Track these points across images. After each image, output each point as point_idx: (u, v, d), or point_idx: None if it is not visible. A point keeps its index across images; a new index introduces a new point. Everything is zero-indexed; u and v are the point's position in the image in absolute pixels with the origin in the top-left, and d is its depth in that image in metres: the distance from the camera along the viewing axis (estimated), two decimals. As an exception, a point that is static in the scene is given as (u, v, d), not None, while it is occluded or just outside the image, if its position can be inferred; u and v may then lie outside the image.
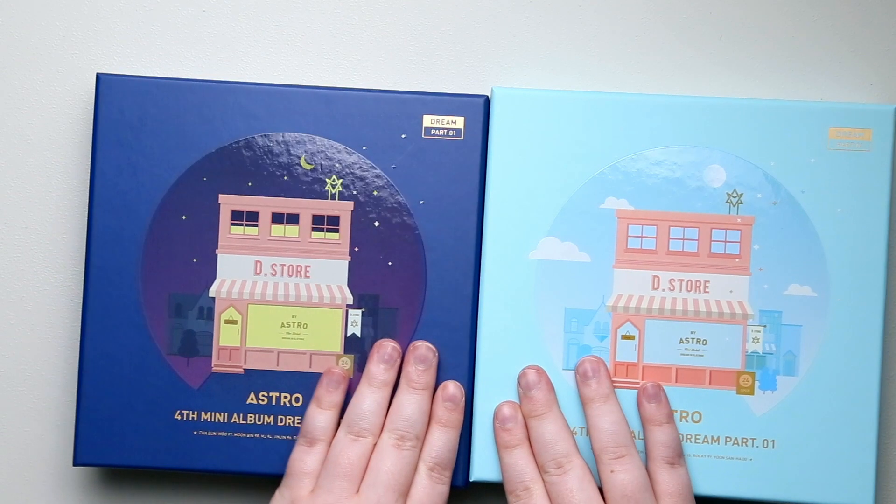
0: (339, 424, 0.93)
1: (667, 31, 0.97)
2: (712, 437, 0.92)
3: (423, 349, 0.93)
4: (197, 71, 0.97)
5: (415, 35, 0.98)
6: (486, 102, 0.94)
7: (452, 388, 0.93)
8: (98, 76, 0.94)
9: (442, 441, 0.92)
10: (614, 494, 0.90)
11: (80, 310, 0.96)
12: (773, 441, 0.92)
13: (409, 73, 0.97)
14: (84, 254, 0.96)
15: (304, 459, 0.92)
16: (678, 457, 0.91)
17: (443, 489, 0.92)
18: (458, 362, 0.94)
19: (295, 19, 0.98)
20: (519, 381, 0.93)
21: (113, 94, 0.95)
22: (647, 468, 0.91)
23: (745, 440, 0.92)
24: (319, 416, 0.93)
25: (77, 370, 0.95)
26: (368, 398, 0.93)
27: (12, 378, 0.97)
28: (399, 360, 0.94)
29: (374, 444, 0.92)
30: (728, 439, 0.92)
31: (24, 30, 0.98)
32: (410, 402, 0.92)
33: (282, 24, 0.98)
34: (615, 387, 0.93)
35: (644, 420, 0.92)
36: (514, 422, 0.92)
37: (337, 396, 0.93)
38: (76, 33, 0.98)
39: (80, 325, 0.96)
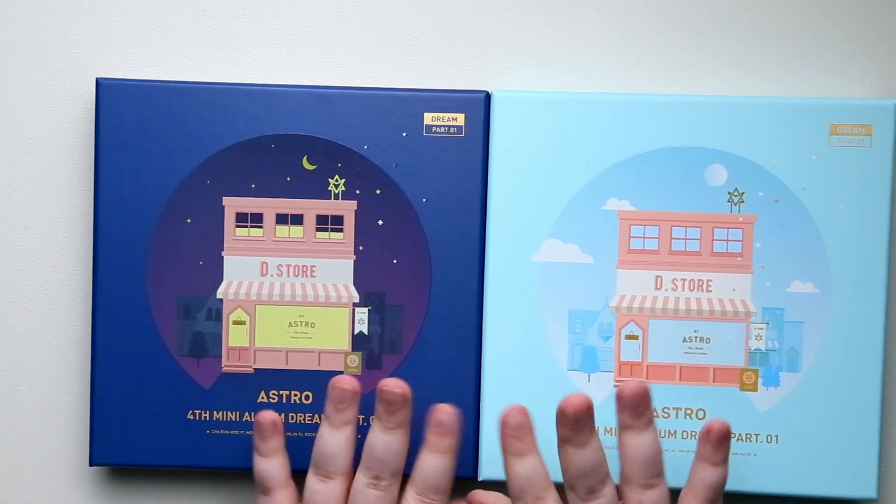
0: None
1: (667, 30, 0.96)
2: (717, 434, 0.93)
3: (388, 393, 0.89)
4: (197, 72, 0.97)
5: (414, 34, 0.97)
6: (487, 98, 0.94)
7: (443, 415, 0.89)
8: (98, 81, 0.94)
9: (434, 468, 0.89)
10: None
11: (90, 314, 0.97)
12: (776, 436, 0.93)
13: (409, 72, 0.97)
14: (91, 258, 0.97)
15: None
16: (719, 500, 0.89)
17: None
18: (465, 357, 0.95)
19: (295, 19, 0.97)
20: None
21: (113, 98, 0.95)
22: (683, 496, 0.89)
23: (749, 436, 0.93)
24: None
25: (89, 374, 0.97)
26: (330, 439, 0.90)
27: (28, 383, 0.99)
28: (357, 396, 0.90)
29: (348, 483, 0.90)
30: (732, 435, 0.93)
31: (25, 31, 0.97)
32: (382, 443, 0.89)
33: (282, 24, 0.97)
34: (619, 386, 0.93)
35: (702, 455, 0.89)
36: (523, 429, 0.88)
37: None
38: (76, 34, 0.97)
39: (90, 329, 0.97)
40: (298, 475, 0.95)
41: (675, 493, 0.93)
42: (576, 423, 0.85)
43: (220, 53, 0.97)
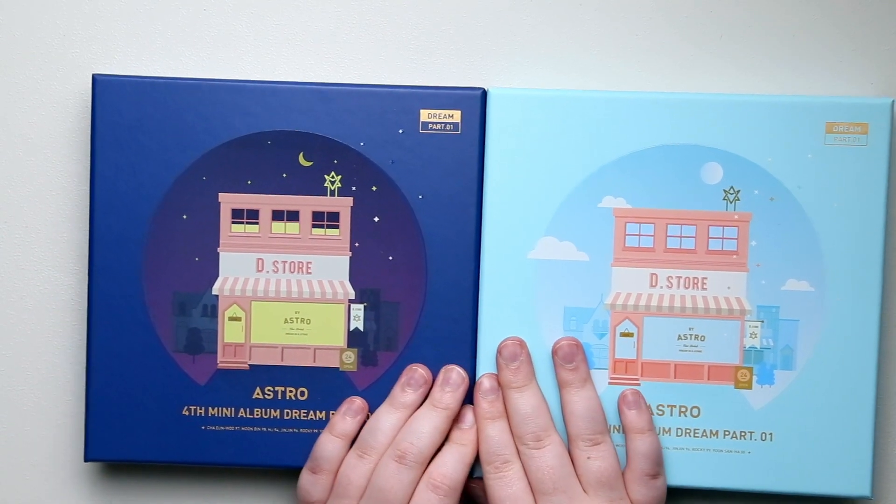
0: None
1: (664, 29, 0.96)
2: (711, 431, 0.93)
3: (454, 373, 0.94)
4: (194, 69, 0.97)
5: (411, 32, 0.97)
6: (483, 96, 0.94)
7: (468, 412, 0.93)
8: (94, 77, 0.94)
9: (452, 459, 0.92)
10: (590, 479, 0.91)
11: (86, 310, 0.97)
12: (771, 434, 0.93)
13: (405, 69, 0.97)
14: (87, 254, 0.97)
15: (308, 490, 0.94)
16: (658, 466, 0.92)
17: None
18: (460, 353, 0.95)
19: (292, 16, 0.97)
20: (499, 352, 0.93)
21: (110, 95, 0.95)
22: (623, 475, 0.92)
23: (743, 434, 0.93)
24: (329, 443, 0.94)
25: (85, 370, 0.97)
26: (384, 417, 0.93)
27: (23, 379, 0.99)
28: (427, 386, 0.94)
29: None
30: (727, 433, 0.93)
31: (22, 28, 0.97)
32: (422, 418, 0.92)
33: (279, 21, 0.97)
34: (613, 383, 0.94)
35: (625, 428, 0.93)
36: (495, 394, 0.93)
37: (350, 425, 0.94)
38: (73, 31, 0.97)
39: (85, 325, 0.97)
40: (293, 473, 0.96)
41: (672, 492, 0.94)
42: (511, 363, 0.92)
43: (217, 50, 0.97)
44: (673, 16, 0.96)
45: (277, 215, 0.95)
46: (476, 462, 0.93)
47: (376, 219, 0.95)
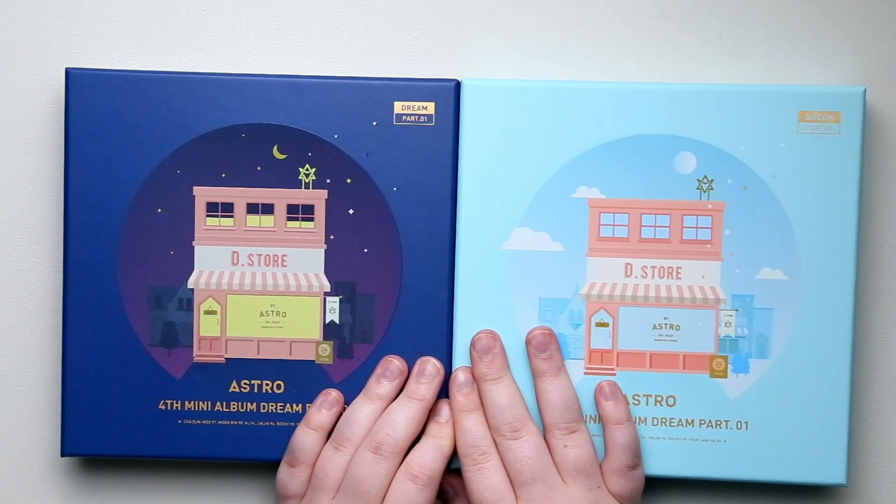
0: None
1: (636, 19, 0.96)
2: (687, 421, 0.94)
3: (429, 364, 0.94)
4: (167, 62, 0.97)
5: (384, 23, 0.97)
6: (457, 87, 0.94)
7: (444, 405, 0.94)
8: (67, 71, 0.94)
9: (430, 450, 0.92)
10: (567, 468, 0.91)
11: (61, 304, 0.97)
12: (746, 423, 0.93)
13: (379, 61, 0.97)
14: (62, 248, 0.96)
15: (286, 483, 0.94)
16: (636, 457, 0.93)
17: (424, 495, 0.91)
18: (437, 345, 0.95)
19: (265, 8, 0.97)
20: (473, 346, 0.94)
21: (83, 89, 0.95)
22: (601, 467, 0.92)
23: (719, 422, 0.94)
24: (305, 436, 0.94)
25: (61, 364, 0.96)
26: (359, 409, 0.93)
27: (-3, 374, 0.99)
28: (403, 377, 0.94)
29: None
30: (702, 422, 0.94)
31: (-7, 22, 0.97)
32: (398, 410, 0.92)
33: (252, 13, 0.97)
34: (589, 373, 0.94)
35: (603, 419, 0.93)
36: (470, 387, 0.93)
37: (327, 417, 0.94)
38: (45, 24, 0.97)
39: (61, 320, 0.97)
40: (270, 466, 0.96)
41: (648, 481, 0.94)
42: (485, 355, 0.93)
43: (190, 43, 0.97)
44: (644, 6, 0.96)
45: (252, 208, 0.95)
46: (452, 457, 0.93)
47: (351, 211, 0.95)
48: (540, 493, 0.90)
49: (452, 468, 0.94)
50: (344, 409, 0.95)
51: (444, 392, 0.94)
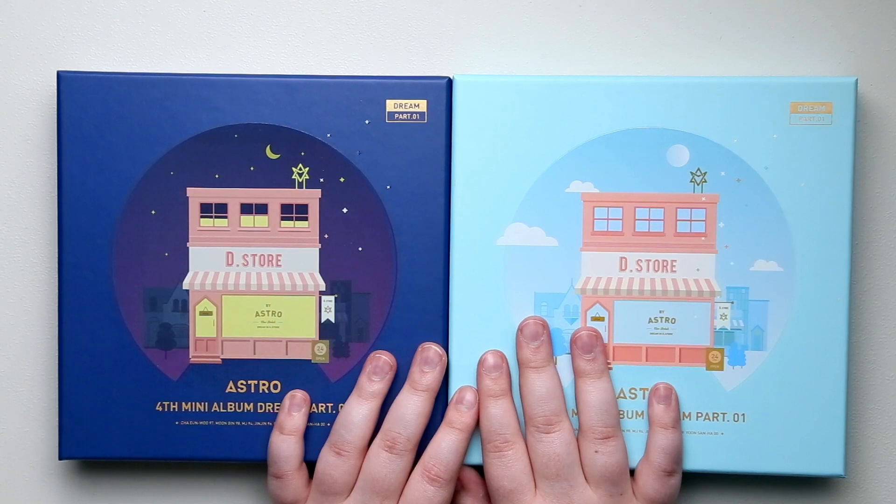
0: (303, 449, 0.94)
1: (626, 12, 0.96)
2: (684, 413, 0.94)
3: (430, 351, 0.93)
4: (158, 64, 0.97)
5: (375, 21, 0.97)
6: (449, 84, 0.94)
7: (468, 394, 0.93)
8: (59, 74, 0.94)
9: (446, 443, 0.92)
10: (594, 473, 0.91)
11: (56, 307, 0.97)
12: (743, 415, 0.93)
13: (370, 59, 0.97)
14: (56, 252, 0.96)
15: (279, 494, 0.94)
16: (676, 464, 0.92)
17: (440, 495, 0.91)
18: (433, 341, 0.95)
19: (255, 8, 0.97)
20: (521, 330, 0.93)
21: (75, 92, 0.95)
22: (640, 467, 0.92)
23: (715, 415, 0.94)
24: (283, 443, 0.94)
25: (57, 368, 0.96)
26: (354, 410, 0.93)
27: (-7, 378, 0.99)
28: (393, 372, 0.94)
29: (361, 459, 0.92)
30: (699, 415, 0.94)
31: (-17, 27, 0.97)
32: (407, 404, 0.92)
33: (242, 13, 0.97)
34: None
35: (651, 421, 0.93)
36: (499, 371, 0.92)
37: (299, 420, 0.94)
38: (37, 27, 0.97)
39: (57, 323, 0.97)
40: (259, 466, 0.96)
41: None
42: (532, 341, 0.91)
43: (181, 44, 0.97)
44: (635, 2, 0.96)
45: (246, 209, 0.95)
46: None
47: (345, 210, 0.95)
48: (561, 489, 0.90)
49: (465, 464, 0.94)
50: (311, 406, 0.94)
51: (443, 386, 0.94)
